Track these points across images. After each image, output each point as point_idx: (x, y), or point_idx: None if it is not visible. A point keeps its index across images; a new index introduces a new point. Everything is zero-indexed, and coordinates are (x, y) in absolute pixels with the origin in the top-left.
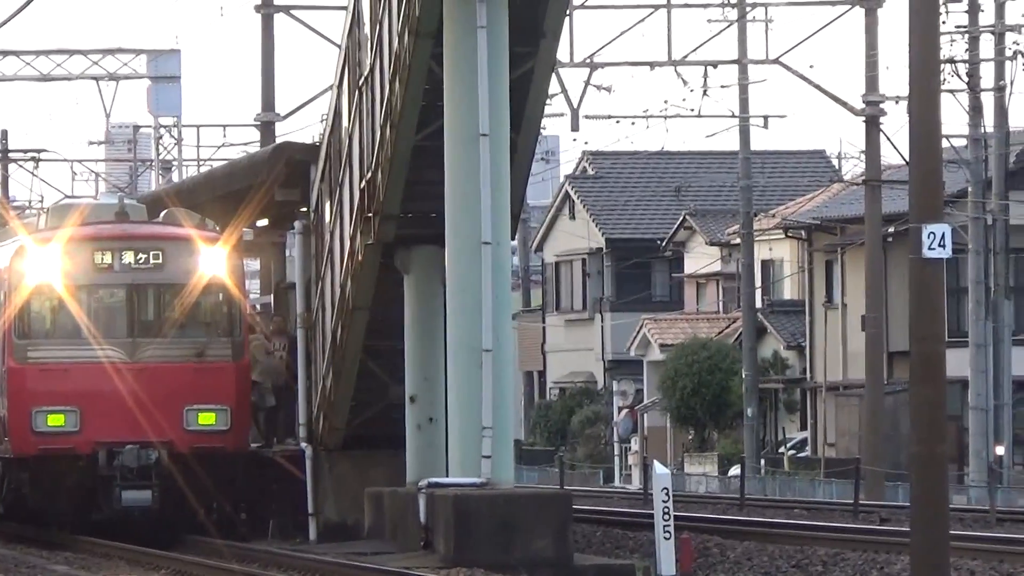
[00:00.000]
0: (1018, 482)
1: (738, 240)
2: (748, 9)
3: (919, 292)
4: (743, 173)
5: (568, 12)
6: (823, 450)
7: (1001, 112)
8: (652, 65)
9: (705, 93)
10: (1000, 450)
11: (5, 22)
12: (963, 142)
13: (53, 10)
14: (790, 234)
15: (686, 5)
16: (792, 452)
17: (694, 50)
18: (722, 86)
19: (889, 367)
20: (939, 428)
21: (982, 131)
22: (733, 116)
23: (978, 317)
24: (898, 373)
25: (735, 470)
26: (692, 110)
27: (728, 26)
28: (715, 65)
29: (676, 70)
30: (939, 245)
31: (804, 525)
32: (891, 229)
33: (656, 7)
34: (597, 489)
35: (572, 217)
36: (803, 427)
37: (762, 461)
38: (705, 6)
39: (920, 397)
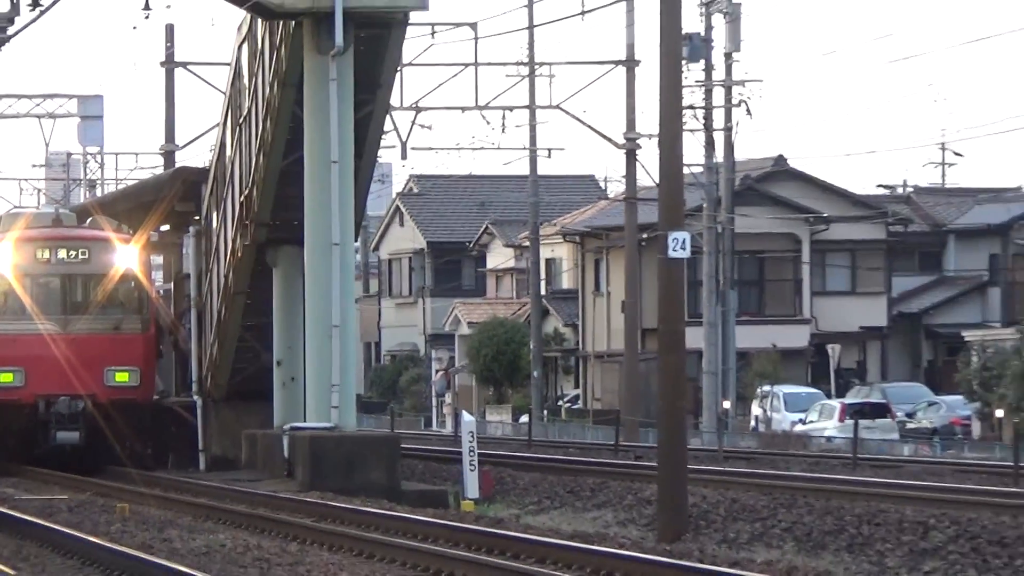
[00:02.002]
0: (738, 429)
1: (527, 243)
2: (536, 66)
3: (665, 284)
4: (531, 192)
5: (398, 68)
6: (591, 403)
7: (729, 147)
8: (463, 109)
9: (503, 131)
10: (726, 404)
11: None
12: (700, 169)
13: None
14: (567, 239)
15: (489, 64)
16: (568, 405)
17: (495, 97)
18: (516, 125)
19: (642, 341)
20: (680, 387)
21: (714, 161)
22: (524, 148)
23: (710, 303)
24: (649, 345)
25: (524, 418)
26: (493, 144)
27: (521, 79)
28: (511, 109)
29: (481, 113)
30: (681, 248)
31: (577, 460)
32: (644, 235)
33: (466, 65)
34: (419, 432)
35: (401, 225)
36: (576, 386)
37: (545, 411)
38: (503, 64)
39: (666, 363)
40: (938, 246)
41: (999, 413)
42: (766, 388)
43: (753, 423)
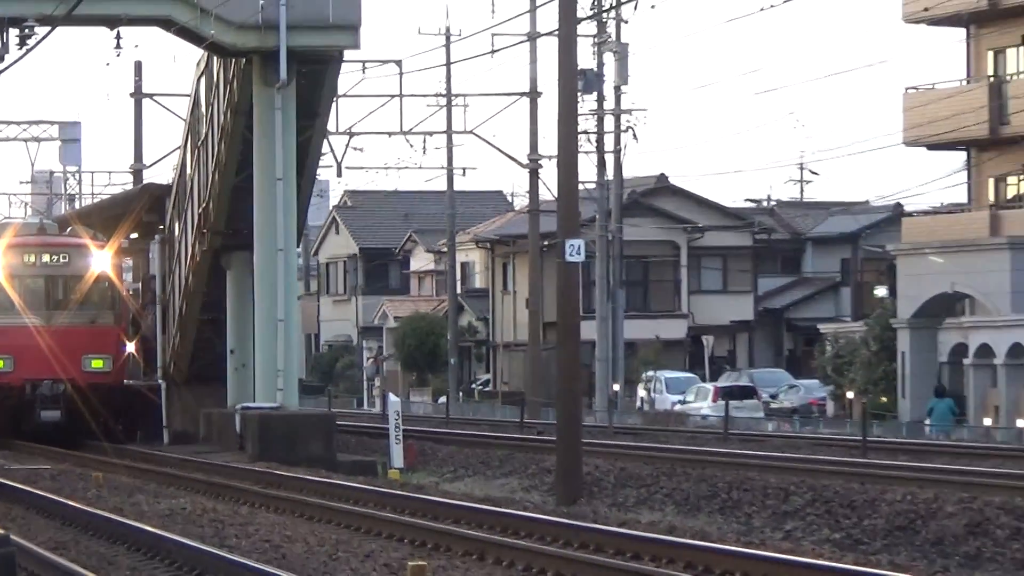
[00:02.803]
0: (626, 408)
1: (445, 249)
2: (452, 97)
3: (563, 284)
4: (448, 205)
5: (334, 99)
6: (500, 386)
7: (617, 166)
8: (390, 134)
9: (424, 153)
10: (616, 387)
11: None
12: (593, 185)
13: None
14: (479, 245)
15: (412, 95)
16: (480, 387)
17: (417, 124)
18: (435, 148)
19: (544, 332)
20: (576, 372)
21: (605, 179)
22: (442, 168)
23: (602, 300)
24: (549, 336)
25: (443, 399)
26: (416, 164)
27: (439, 108)
28: (431, 134)
29: (406, 138)
30: (576, 253)
31: (487, 435)
32: (545, 242)
33: (392, 96)
34: (352, 411)
35: (337, 233)
36: (487, 371)
37: (460, 393)
38: (424, 95)
39: (563, 352)
40: (797, 252)
41: (849, 395)
42: (650, 373)
43: (639, 403)
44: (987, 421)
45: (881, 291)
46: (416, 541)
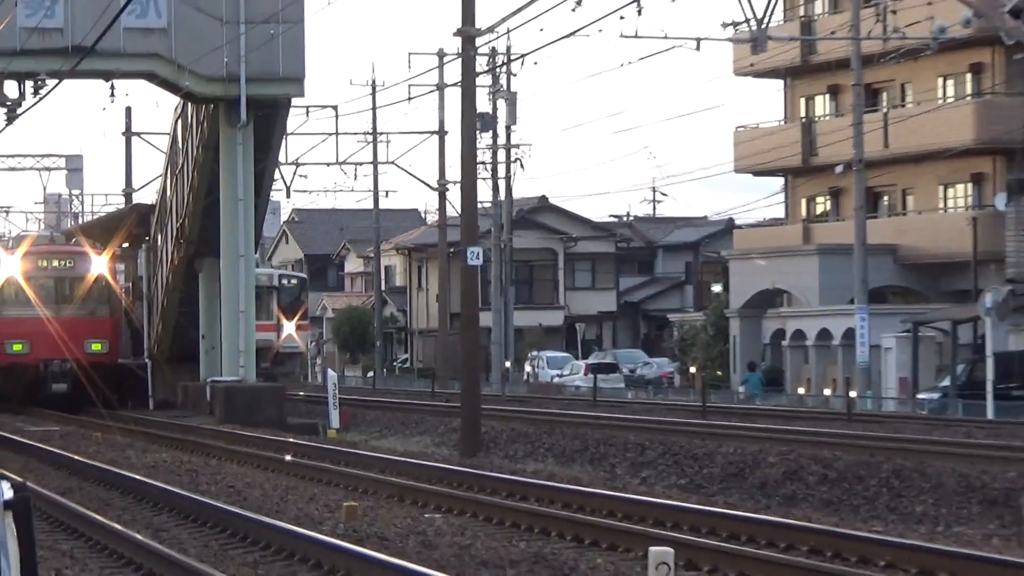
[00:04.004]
0: (516, 381)
1: (372, 255)
2: (378, 135)
3: (465, 282)
4: (375, 220)
5: (284, 136)
6: (416, 364)
7: (508, 189)
8: (328, 164)
9: (356, 179)
10: (507, 364)
11: None
12: (489, 204)
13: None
14: (399, 252)
15: (345, 133)
16: (400, 365)
17: (350, 156)
18: (364, 175)
19: (450, 321)
20: (476, 352)
21: (498, 199)
22: (369, 191)
23: (496, 295)
24: (455, 324)
25: (371, 374)
26: (350, 188)
27: (367, 144)
28: (360, 164)
29: (341, 167)
30: (476, 258)
31: (406, 402)
32: (451, 249)
33: (330, 134)
34: (299, 385)
35: (287, 243)
36: (406, 352)
37: (384, 370)
38: (355, 133)
39: (466, 336)
40: (651, 257)
41: (692, 369)
42: (534, 353)
43: (526, 377)
44: (801, 390)
45: (717, 288)
46: (350, 486)
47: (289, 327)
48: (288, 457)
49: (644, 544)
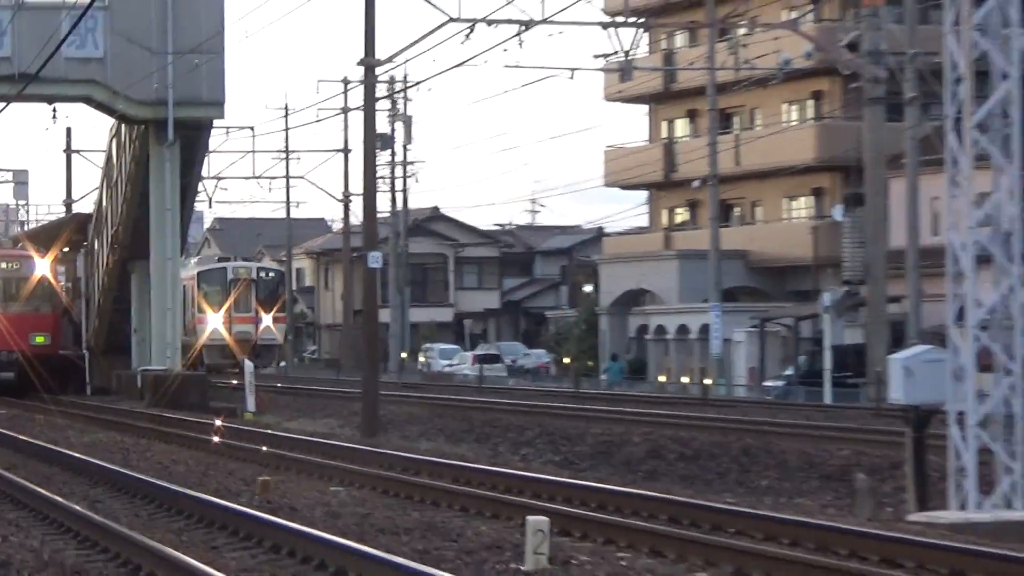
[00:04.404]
0: (411, 370)
1: (285, 258)
2: (290, 153)
3: (367, 283)
4: (287, 228)
5: (207, 154)
6: (323, 355)
7: (404, 201)
8: (246, 178)
9: (270, 191)
10: (404, 355)
11: None
12: (388, 214)
13: None
14: (309, 255)
15: (262, 151)
16: (310, 356)
17: (266, 171)
18: (278, 188)
19: (353, 316)
20: (376, 344)
21: (397, 209)
22: (282, 202)
23: (394, 294)
24: (357, 320)
25: (283, 363)
26: (265, 199)
27: (281, 160)
28: (275, 178)
29: (257, 180)
30: (376, 262)
31: (314, 388)
32: (355, 254)
33: (247, 151)
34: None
35: (210, 247)
36: (314, 344)
37: (295, 359)
38: (270, 151)
39: (367, 330)
40: (530, 261)
41: (566, 360)
42: (428, 345)
43: (420, 367)
44: (662, 378)
45: (588, 288)
46: (264, 463)
47: (267, 319)
48: (216, 439)
49: (523, 513)
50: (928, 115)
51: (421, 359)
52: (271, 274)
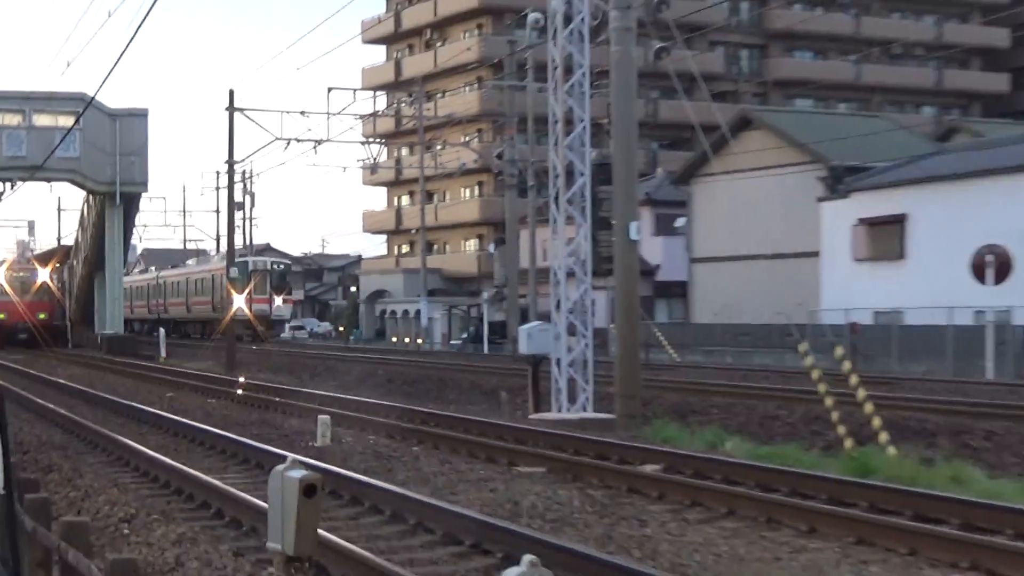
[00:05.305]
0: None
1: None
2: (187, 212)
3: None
4: (183, 256)
5: (138, 211)
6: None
7: (251, 238)
8: (161, 225)
9: (174, 231)
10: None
11: None
12: (241, 246)
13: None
14: None
15: (171, 211)
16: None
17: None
18: (175, 230)
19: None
20: (233, 326)
21: (247, 243)
22: (182, 239)
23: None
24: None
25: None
26: (171, 236)
27: (181, 215)
28: (176, 226)
29: (173, 229)
30: (234, 275)
31: (201, 344)
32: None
33: (166, 211)
34: (149, 339)
35: (141, 266)
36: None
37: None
38: (175, 211)
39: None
40: (321, 273)
41: (340, 329)
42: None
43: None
44: (394, 339)
45: (353, 288)
46: (172, 385)
47: (278, 300)
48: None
49: (315, 414)
50: (540, 195)
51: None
52: (281, 266)
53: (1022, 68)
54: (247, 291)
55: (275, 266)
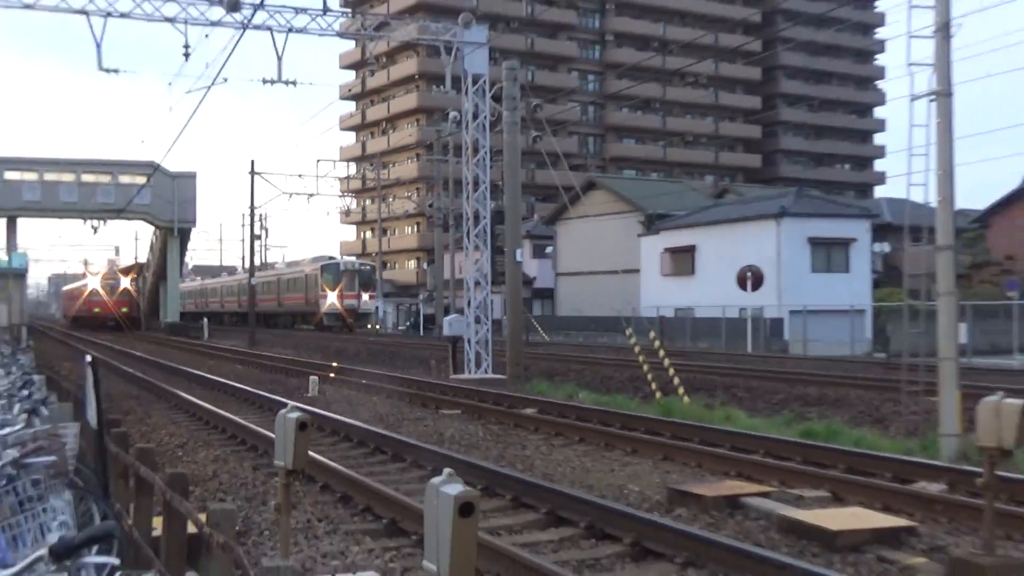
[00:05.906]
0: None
1: None
2: (223, 241)
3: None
4: (220, 269)
5: (190, 239)
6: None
7: (266, 256)
8: (208, 250)
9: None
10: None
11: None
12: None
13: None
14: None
15: (218, 239)
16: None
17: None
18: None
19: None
20: (253, 310)
21: (267, 261)
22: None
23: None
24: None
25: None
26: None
27: (219, 243)
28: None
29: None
30: (255, 281)
31: (234, 329)
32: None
33: (217, 239)
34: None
35: (195, 277)
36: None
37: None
38: (220, 240)
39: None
40: None
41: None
42: None
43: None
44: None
45: None
46: (211, 356)
47: (365, 296)
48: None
49: (308, 374)
50: (457, 231)
51: None
52: (367, 267)
53: (769, 152)
54: (339, 288)
55: (362, 267)
